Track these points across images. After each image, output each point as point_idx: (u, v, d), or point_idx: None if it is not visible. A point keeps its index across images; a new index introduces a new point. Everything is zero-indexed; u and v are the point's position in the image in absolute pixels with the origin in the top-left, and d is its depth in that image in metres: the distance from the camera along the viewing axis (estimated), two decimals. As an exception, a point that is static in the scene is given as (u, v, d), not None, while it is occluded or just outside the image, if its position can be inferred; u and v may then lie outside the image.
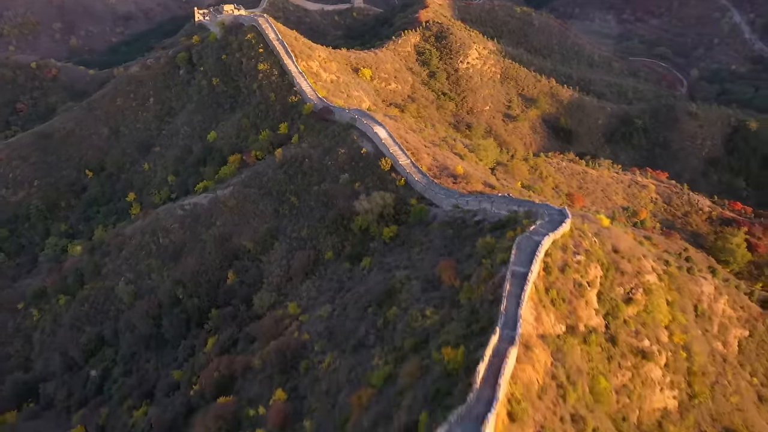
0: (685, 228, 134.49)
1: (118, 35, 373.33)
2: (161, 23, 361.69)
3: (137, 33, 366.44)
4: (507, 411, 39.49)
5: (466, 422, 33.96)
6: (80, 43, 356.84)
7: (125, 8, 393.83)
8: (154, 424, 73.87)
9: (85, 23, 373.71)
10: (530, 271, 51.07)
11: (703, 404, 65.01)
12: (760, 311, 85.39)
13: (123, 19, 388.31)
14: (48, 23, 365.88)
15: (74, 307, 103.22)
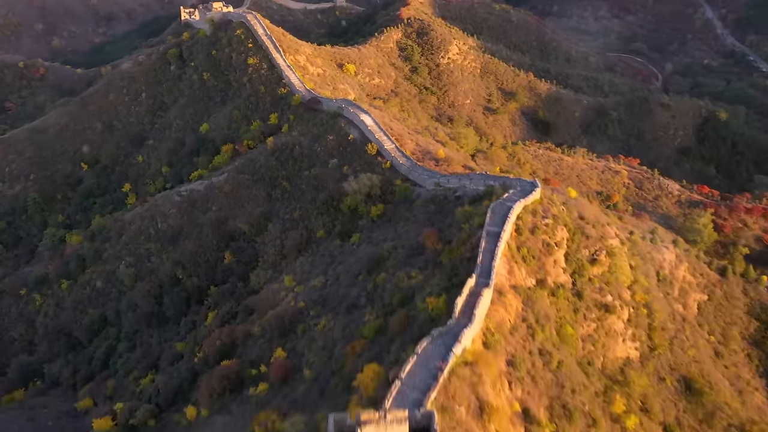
0: (655, 210, 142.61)
1: (101, 36, 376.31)
2: (144, 23, 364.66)
3: (120, 33, 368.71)
4: (482, 341, 46.49)
5: (446, 336, 40.81)
6: (63, 43, 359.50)
7: (107, 9, 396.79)
8: (162, 389, 79.85)
9: (67, 24, 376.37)
10: (503, 230, 58.21)
11: (663, 355, 72.73)
12: (719, 278, 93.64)
13: (105, 19, 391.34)
14: (29, 24, 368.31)
15: (76, 291, 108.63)
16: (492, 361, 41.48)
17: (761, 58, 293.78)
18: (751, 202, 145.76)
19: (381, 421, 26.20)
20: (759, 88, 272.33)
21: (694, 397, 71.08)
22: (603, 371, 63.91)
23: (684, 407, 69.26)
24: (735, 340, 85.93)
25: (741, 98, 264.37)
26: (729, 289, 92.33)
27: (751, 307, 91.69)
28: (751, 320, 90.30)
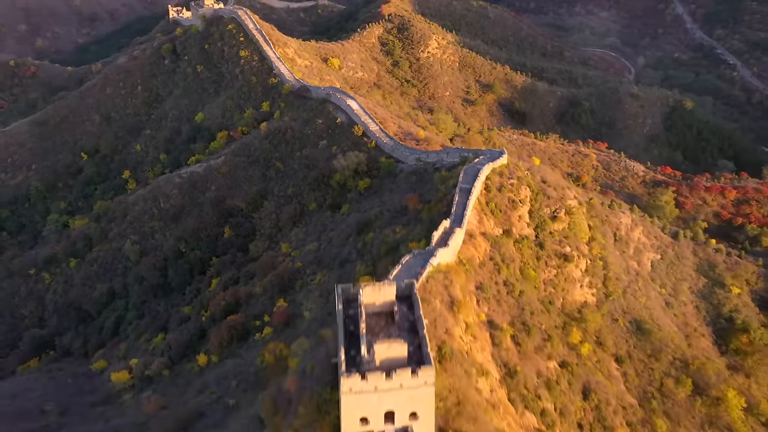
0: (622, 190, 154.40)
1: (84, 36, 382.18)
2: (128, 23, 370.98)
3: (103, 34, 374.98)
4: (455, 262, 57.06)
5: (425, 254, 51.31)
6: (47, 44, 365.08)
7: (90, 9, 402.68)
8: (173, 345, 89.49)
9: (51, 25, 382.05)
10: (474, 187, 68.96)
11: (616, 301, 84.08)
12: (671, 241, 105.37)
13: (88, 20, 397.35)
14: (13, 25, 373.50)
15: (84, 268, 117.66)
16: (461, 272, 52.11)
17: (728, 51, 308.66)
18: (711, 181, 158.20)
19: (376, 285, 36.57)
20: (725, 79, 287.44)
21: (644, 336, 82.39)
22: (562, 310, 74.89)
23: (634, 344, 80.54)
24: (684, 294, 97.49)
25: (709, 89, 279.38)
26: (680, 250, 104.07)
27: (700, 266, 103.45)
28: (700, 277, 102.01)
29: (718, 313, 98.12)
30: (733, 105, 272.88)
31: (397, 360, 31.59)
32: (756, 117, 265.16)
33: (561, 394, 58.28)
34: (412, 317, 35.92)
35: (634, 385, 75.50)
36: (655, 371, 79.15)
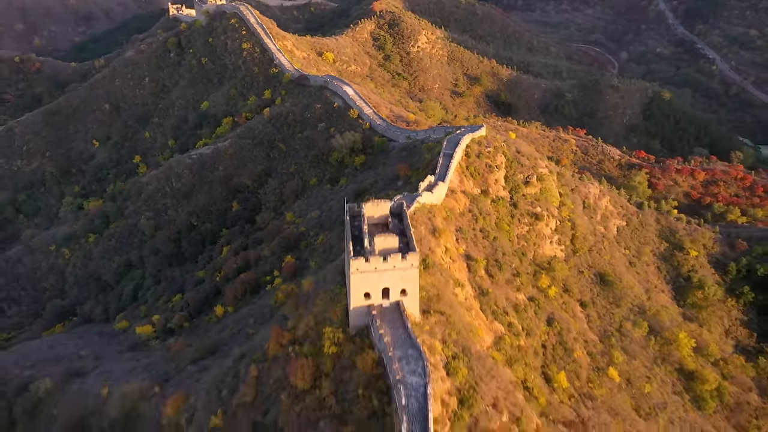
0: (599, 172, 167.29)
1: (81, 35, 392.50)
2: (124, 22, 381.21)
3: (99, 32, 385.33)
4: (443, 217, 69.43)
5: (413, 195, 63.60)
6: (44, 42, 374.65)
7: (85, 8, 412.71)
8: (190, 302, 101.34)
9: (47, 24, 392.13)
10: (455, 152, 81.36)
11: (583, 256, 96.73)
12: (636, 210, 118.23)
13: (84, 19, 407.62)
14: (10, 24, 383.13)
15: (102, 243, 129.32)
16: (443, 210, 64.57)
17: (708, 45, 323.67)
18: (682, 164, 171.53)
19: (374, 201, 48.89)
20: (705, 73, 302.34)
21: (607, 286, 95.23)
22: (533, 261, 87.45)
23: (597, 292, 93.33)
24: (647, 255, 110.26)
25: (689, 82, 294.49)
26: (644, 218, 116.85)
27: (662, 232, 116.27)
28: (662, 242, 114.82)
29: (678, 273, 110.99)
30: (711, 97, 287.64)
31: (391, 249, 43.91)
32: (733, 108, 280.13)
33: (527, 318, 70.80)
34: (401, 226, 48.24)
35: (595, 325, 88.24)
36: (615, 315, 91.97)
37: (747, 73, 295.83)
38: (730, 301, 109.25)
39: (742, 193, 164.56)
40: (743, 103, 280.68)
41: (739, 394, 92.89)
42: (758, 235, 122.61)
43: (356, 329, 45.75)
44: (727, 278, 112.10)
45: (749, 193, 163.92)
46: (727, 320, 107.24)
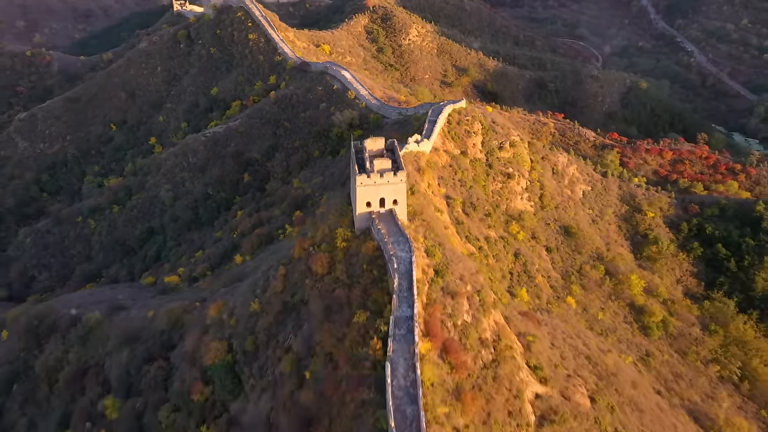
0: (576, 153, 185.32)
1: (80, 32, 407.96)
2: (122, 19, 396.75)
3: (98, 29, 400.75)
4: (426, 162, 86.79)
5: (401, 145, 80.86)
6: (44, 39, 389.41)
7: (84, 6, 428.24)
8: (211, 256, 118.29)
9: (48, 21, 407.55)
10: (438, 118, 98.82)
11: (550, 212, 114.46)
12: (601, 177, 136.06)
13: (83, 16, 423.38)
14: (11, 21, 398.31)
15: (125, 213, 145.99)
16: (426, 154, 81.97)
17: (687, 39, 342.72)
18: (651, 145, 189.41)
19: (373, 138, 66.17)
20: (683, 65, 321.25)
21: (570, 237, 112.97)
22: (505, 212, 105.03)
23: (561, 241, 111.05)
24: (608, 215, 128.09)
25: (668, 74, 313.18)
26: (607, 184, 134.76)
27: (623, 196, 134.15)
28: (623, 204, 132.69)
29: (636, 231, 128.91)
30: (689, 88, 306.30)
31: (386, 168, 61.25)
32: (708, 98, 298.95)
33: (497, 249, 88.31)
34: (393, 158, 65.55)
35: (558, 266, 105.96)
36: (576, 260, 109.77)
37: (723, 64, 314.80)
38: (682, 255, 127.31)
39: (706, 171, 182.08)
40: (718, 93, 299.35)
41: (683, 327, 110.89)
42: (709, 201, 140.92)
43: (360, 231, 63.06)
44: (680, 236, 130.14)
45: (712, 171, 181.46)
46: (679, 271, 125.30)
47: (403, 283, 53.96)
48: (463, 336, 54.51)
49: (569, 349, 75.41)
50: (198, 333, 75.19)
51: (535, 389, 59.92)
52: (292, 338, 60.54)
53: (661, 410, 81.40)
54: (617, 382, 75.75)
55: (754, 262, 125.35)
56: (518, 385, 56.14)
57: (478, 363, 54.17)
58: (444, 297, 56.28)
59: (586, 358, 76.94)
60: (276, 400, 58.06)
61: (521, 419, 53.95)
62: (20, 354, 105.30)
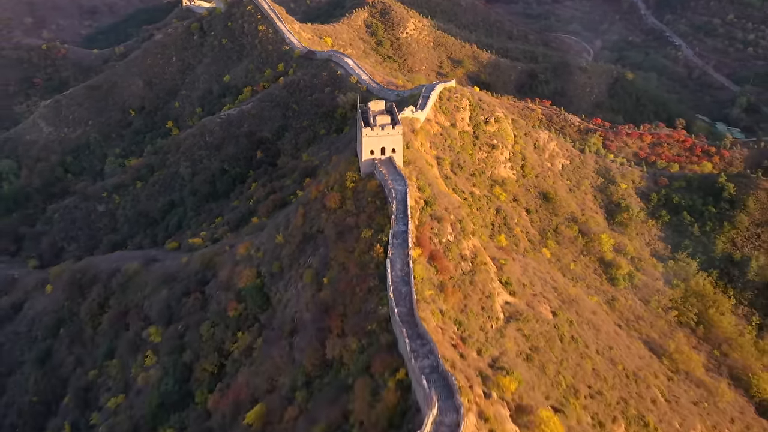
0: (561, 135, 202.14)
1: (87, 28, 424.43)
2: (129, 15, 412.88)
3: (104, 26, 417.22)
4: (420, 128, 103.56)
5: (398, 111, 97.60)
6: (52, 35, 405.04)
7: (90, 2, 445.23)
8: (230, 220, 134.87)
9: (55, 17, 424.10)
10: (431, 94, 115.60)
11: (530, 180, 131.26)
12: (579, 153, 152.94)
13: (89, 13, 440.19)
14: (20, 18, 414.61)
15: (148, 188, 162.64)
16: (419, 121, 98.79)
17: (675, 33, 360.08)
18: (632, 129, 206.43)
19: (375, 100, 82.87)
20: (670, 58, 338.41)
21: (548, 201, 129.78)
22: (489, 177, 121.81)
23: (540, 204, 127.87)
24: (585, 186, 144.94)
25: (656, 67, 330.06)
26: (585, 159, 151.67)
27: (599, 170, 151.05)
28: (599, 177, 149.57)
29: (610, 201, 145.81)
30: (675, 80, 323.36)
31: (386, 123, 78.00)
32: (694, 90, 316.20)
33: (481, 204, 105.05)
34: (391, 116, 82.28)
35: (536, 225, 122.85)
36: (553, 221, 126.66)
37: (709, 58, 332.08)
38: (651, 221, 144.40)
39: (683, 153, 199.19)
40: (704, 84, 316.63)
41: (647, 281, 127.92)
42: (678, 175, 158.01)
43: (365, 174, 79.81)
44: (650, 205, 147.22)
45: (689, 153, 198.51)
46: (648, 236, 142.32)
47: (400, 207, 70.67)
48: (446, 250, 71.23)
49: (538, 279, 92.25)
50: (230, 266, 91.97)
51: (505, 298, 76.72)
52: (312, 258, 77.30)
53: (617, 335, 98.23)
54: (578, 307, 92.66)
55: (715, 227, 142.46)
56: (490, 291, 72.89)
57: (458, 270, 70.89)
58: (432, 221, 73.06)
59: (553, 288, 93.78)
60: (299, 304, 74.79)
61: (492, 314, 70.65)
62: (65, 303, 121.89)
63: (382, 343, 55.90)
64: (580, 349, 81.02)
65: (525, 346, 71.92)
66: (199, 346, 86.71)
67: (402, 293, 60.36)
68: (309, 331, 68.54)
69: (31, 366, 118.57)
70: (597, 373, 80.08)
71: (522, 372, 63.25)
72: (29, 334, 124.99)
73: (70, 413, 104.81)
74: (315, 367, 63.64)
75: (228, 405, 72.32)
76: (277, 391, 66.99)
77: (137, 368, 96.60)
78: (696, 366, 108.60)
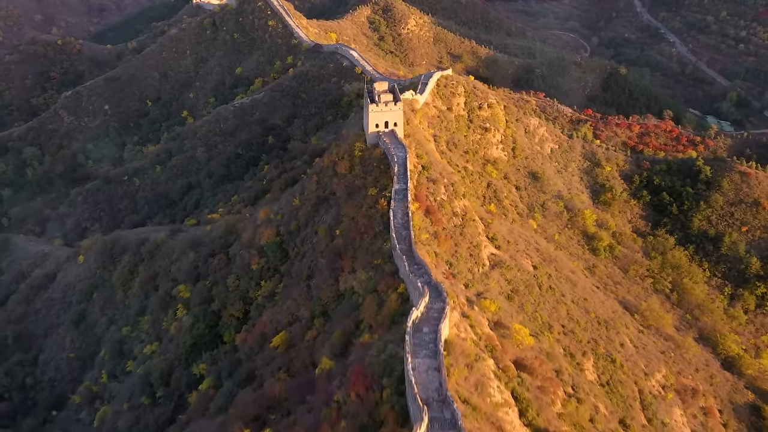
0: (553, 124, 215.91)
1: (95, 25, 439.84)
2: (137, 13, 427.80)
3: (112, 23, 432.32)
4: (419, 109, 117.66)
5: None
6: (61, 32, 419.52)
7: (98, 0, 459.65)
8: (245, 198, 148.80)
9: (64, 15, 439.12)
10: (429, 81, 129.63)
11: (520, 161, 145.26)
12: (567, 138, 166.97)
13: (97, 10, 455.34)
14: (30, 15, 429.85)
15: (167, 171, 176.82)
16: (419, 102, 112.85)
17: (670, 30, 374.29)
18: (621, 120, 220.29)
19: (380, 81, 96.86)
20: (664, 55, 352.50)
21: (537, 180, 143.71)
22: (483, 157, 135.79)
23: (529, 183, 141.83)
24: (572, 168, 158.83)
25: (651, 63, 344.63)
26: (572, 144, 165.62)
27: (585, 154, 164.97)
28: (585, 161, 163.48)
29: (595, 182, 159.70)
30: (669, 76, 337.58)
31: (389, 101, 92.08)
32: (687, 85, 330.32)
33: (473, 177, 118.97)
34: (394, 94, 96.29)
35: (525, 200, 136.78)
36: (540, 197, 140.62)
37: (702, 54, 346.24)
38: (633, 201, 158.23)
39: (670, 142, 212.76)
40: (696, 80, 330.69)
41: (627, 252, 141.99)
42: (659, 159, 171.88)
43: (371, 145, 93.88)
44: (632, 186, 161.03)
45: (675, 142, 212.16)
46: (630, 214, 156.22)
47: (401, 169, 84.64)
48: (440, 206, 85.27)
49: (522, 240, 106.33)
50: (252, 229, 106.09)
51: (491, 250, 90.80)
52: (325, 216, 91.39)
53: (593, 292, 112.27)
54: (557, 265, 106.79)
55: (692, 206, 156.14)
56: (478, 242, 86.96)
57: (451, 223, 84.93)
58: (428, 182, 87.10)
59: (536, 249, 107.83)
60: (315, 253, 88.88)
61: (478, 261, 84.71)
62: (97, 271, 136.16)
63: (386, 271, 69.76)
64: (556, 297, 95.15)
65: (507, 288, 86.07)
66: (225, 296, 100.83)
67: (402, 235, 74.25)
68: (324, 273, 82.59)
69: (67, 327, 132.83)
70: (571, 317, 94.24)
71: (503, 305, 77.39)
72: (63, 299, 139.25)
73: (106, 364, 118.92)
74: (330, 298, 77.66)
75: (254, 338, 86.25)
76: (297, 322, 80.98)
77: (168, 321, 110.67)
78: (666, 324, 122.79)
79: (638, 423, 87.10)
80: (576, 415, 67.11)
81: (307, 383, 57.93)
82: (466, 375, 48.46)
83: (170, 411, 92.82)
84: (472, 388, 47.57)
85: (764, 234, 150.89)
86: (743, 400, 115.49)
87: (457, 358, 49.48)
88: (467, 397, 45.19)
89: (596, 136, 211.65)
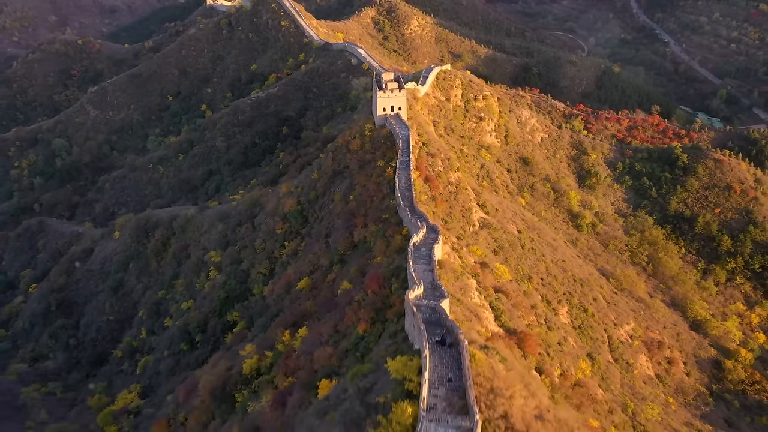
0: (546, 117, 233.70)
1: (107, 26, 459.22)
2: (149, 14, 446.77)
3: (124, 24, 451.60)
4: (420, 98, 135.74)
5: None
6: (75, 33, 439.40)
7: (110, 2, 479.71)
8: (263, 181, 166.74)
9: (77, 16, 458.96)
10: (429, 75, 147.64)
11: (512, 147, 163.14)
12: (556, 129, 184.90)
13: (109, 12, 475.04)
14: (44, 16, 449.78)
15: (189, 159, 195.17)
16: (420, 92, 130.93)
17: (665, 31, 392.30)
18: (611, 114, 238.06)
19: (387, 72, 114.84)
20: (659, 54, 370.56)
21: (527, 165, 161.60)
22: (478, 143, 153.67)
23: (519, 167, 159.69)
24: (560, 155, 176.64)
25: (645, 62, 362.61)
26: (561, 133, 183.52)
27: (573, 143, 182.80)
28: (572, 149, 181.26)
29: (582, 168, 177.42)
30: (662, 74, 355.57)
31: (395, 88, 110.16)
32: (680, 83, 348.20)
33: (468, 159, 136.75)
34: (398, 83, 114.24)
35: (515, 182, 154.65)
36: (530, 180, 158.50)
37: (694, 53, 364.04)
38: (616, 186, 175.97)
39: (657, 135, 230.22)
40: (689, 78, 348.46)
41: (608, 230, 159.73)
42: (641, 148, 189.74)
43: (379, 126, 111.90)
44: (616, 172, 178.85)
45: (662, 135, 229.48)
46: (613, 197, 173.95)
47: (404, 144, 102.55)
48: (437, 176, 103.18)
49: (510, 211, 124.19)
50: (275, 200, 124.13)
51: (481, 215, 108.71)
52: (340, 186, 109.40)
53: (573, 258, 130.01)
54: (540, 232, 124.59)
55: (670, 190, 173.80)
56: (470, 206, 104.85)
57: (446, 190, 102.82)
58: (427, 156, 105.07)
59: (522, 219, 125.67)
60: (332, 216, 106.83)
61: (470, 221, 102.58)
62: (132, 245, 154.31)
63: (392, 222, 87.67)
64: (537, 256, 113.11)
65: (493, 244, 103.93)
66: (253, 257, 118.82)
67: (406, 195, 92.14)
68: (340, 230, 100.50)
69: (106, 294, 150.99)
70: (549, 273, 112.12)
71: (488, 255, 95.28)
72: (101, 270, 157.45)
73: (145, 322, 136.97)
74: (346, 248, 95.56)
75: (281, 287, 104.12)
76: (318, 269, 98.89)
77: (201, 282, 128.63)
78: (639, 289, 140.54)
79: (604, 359, 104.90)
80: (545, 336, 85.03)
81: (332, 301, 75.82)
82: (453, 282, 66.38)
83: (208, 352, 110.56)
84: (457, 290, 65.49)
85: (735, 215, 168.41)
86: (706, 355, 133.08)
87: (447, 272, 67.41)
88: (453, 293, 62.98)
89: (587, 129, 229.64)
